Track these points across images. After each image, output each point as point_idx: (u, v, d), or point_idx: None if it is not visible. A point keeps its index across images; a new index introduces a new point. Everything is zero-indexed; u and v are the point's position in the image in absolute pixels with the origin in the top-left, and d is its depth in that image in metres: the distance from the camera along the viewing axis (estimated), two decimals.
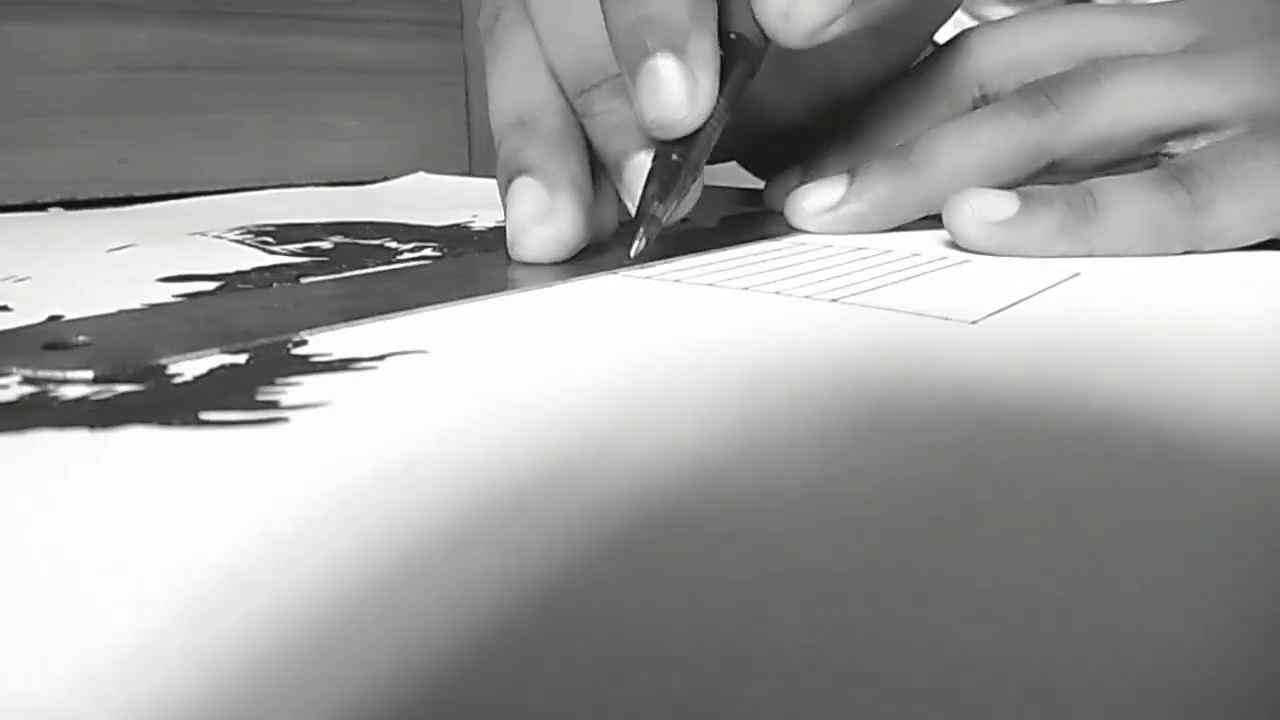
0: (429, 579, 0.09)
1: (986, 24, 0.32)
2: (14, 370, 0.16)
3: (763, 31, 0.24)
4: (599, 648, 0.08)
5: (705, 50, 0.22)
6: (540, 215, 0.23)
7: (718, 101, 0.23)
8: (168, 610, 0.09)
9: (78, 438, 0.13)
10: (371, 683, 0.08)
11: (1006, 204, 0.25)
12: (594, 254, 0.25)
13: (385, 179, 0.50)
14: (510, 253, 0.24)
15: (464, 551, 0.10)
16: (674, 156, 0.23)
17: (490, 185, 0.48)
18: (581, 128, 0.25)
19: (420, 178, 0.51)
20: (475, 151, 0.57)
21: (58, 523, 0.11)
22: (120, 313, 0.20)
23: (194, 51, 0.45)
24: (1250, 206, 0.25)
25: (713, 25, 0.23)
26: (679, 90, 0.22)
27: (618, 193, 0.25)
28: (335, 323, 0.18)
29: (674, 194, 0.23)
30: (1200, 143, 0.28)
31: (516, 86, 0.26)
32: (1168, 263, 0.25)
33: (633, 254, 0.23)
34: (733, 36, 0.24)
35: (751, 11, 0.24)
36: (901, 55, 0.33)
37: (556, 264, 0.24)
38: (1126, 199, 0.25)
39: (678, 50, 0.22)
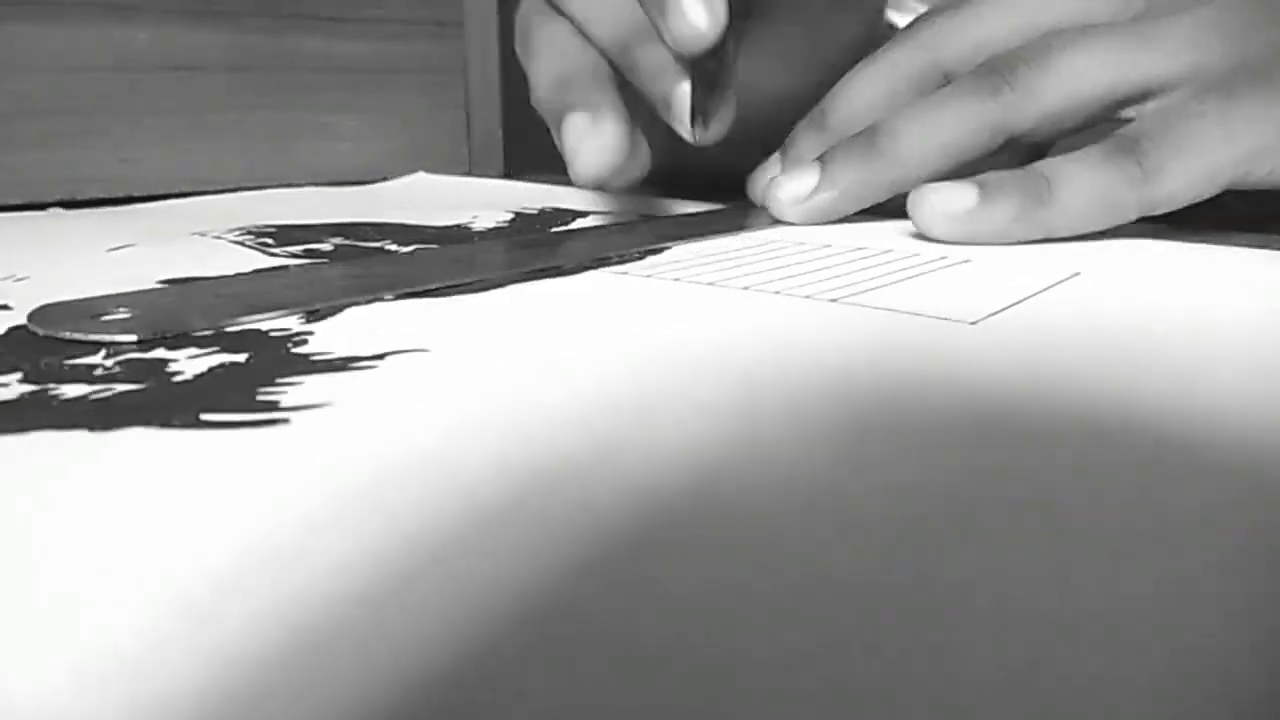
0: (430, 580, 0.09)
1: (946, 8, 0.32)
2: (65, 333, 0.17)
3: None
4: (599, 649, 0.08)
5: None
6: (587, 133, 0.27)
7: (728, 22, 0.27)
8: (168, 612, 0.09)
9: (78, 438, 0.13)
10: (373, 684, 0.08)
11: (965, 196, 0.27)
12: (594, 251, 0.26)
13: (385, 179, 0.50)
14: (572, 178, 0.28)
15: (465, 552, 0.10)
16: (709, 69, 0.28)
17: (490, 185, 0.48)
18: (613, 79, 0.30)
19: (420, 178, 0.51)
20: (475, 151, 0.57)
21: (58, 523, 0.11)
22: (152, 290, 0.22)
23: (194, 51, 0.45)
24: (1196, 166, 0.27)
25: None
26: (699, 8, 0.26)
27: (671, 126, 0.29)
28: (356, 296, 0.20)
29: (718, 91, 0.28)
30: (1149, 106, 0.29)
31: (548, 63, 0.30)
32: (1167, 262, 0.25)
33: (696, 139, 0.28)
34: None
35: None
36: (866, 13, 0.36)
37: (604, 191, 0.28)
38: (1077, 179, 0.27)
39: None
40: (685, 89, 0.29)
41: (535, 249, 0.27)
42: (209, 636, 0.08)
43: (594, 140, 0.27)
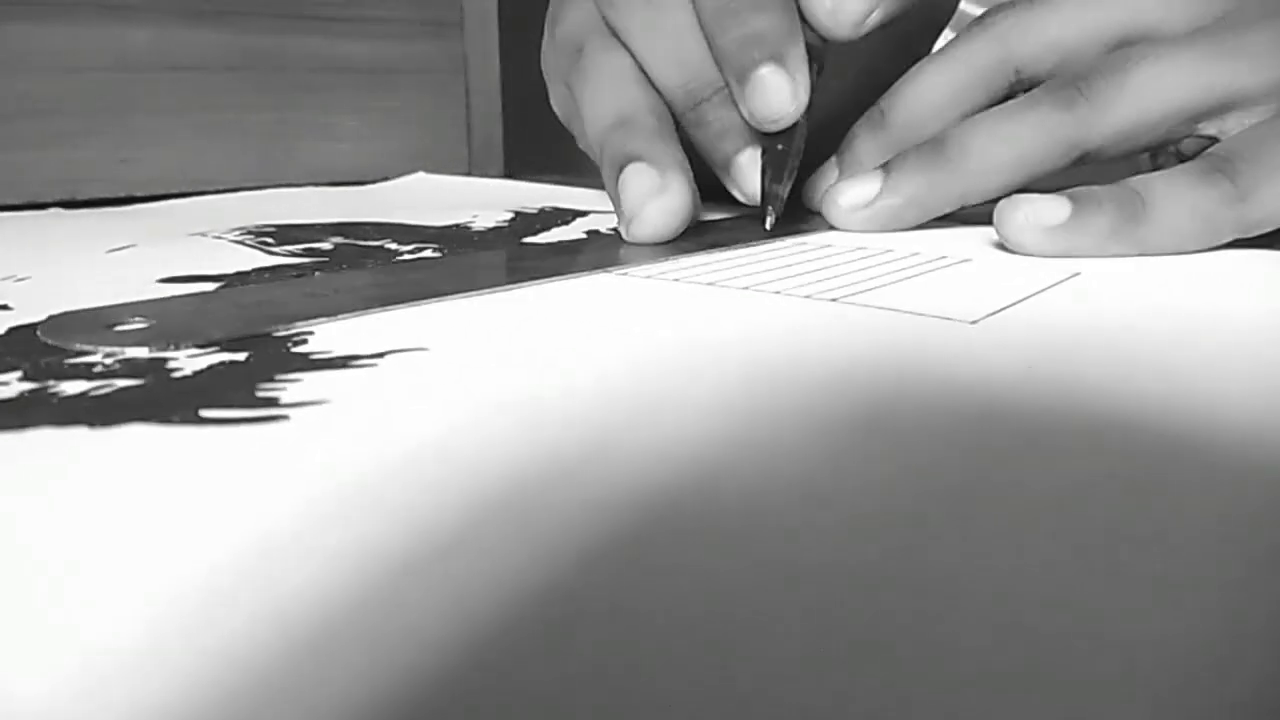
0: (430, 577, 0.09)
1: (1016, 5, 0.31)
2: (78, 345, 0.17)
3: (819, 35, 0.28)
4: (598, 645, 0.08)
5: (800, 56, 0.28)
6: (655, 191, 0.26)
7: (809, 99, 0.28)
8: (169, 610, 0.09)
9: (78, 435, 0.13)
10: (373, 681, 0.08)
11: (1058, 209, 0.26)
12: (632, 252, 0.26)
13: (385, 179, 0.50)
14: (626, 232, 0.27)
15: (464, 549, 0.10)
16: (779, 147, 0.29)
17: (490, 185, 0.48)
18: (674, 127, 0.29)
19: (420, 178, 0.51)
20: (475, 152, 0.57)
21: (58, 521, 0.11)
22: (172, 298, 0.21)
23: (194, 51, 0.45)
24: None
25: (800, 35, 0.28)
26: (785, 91, 0.27)
27: (724, 183, 0.30)
28: (374, 307, 0.19)
29: (786, 176, 0.29)
30: (1230, 121, 0.28)
31: (610, 97, 0.29)
32: (1167, 262, 0.25)
33: (768, 227, 0.29)
34: None
35: (805, 17, 0.28)
36: (920, 44, 0.35)
37: (641, 247, 0.27)
38: (1174, 196, 0.26)
39: (779, 59, 0.27)
40: (749, 156, 0.29)
41: (584, 253, 0.26)
42: (209, 635, 0.08)
43: (661, 201, 0.26)
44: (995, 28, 0.31)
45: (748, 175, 0.29)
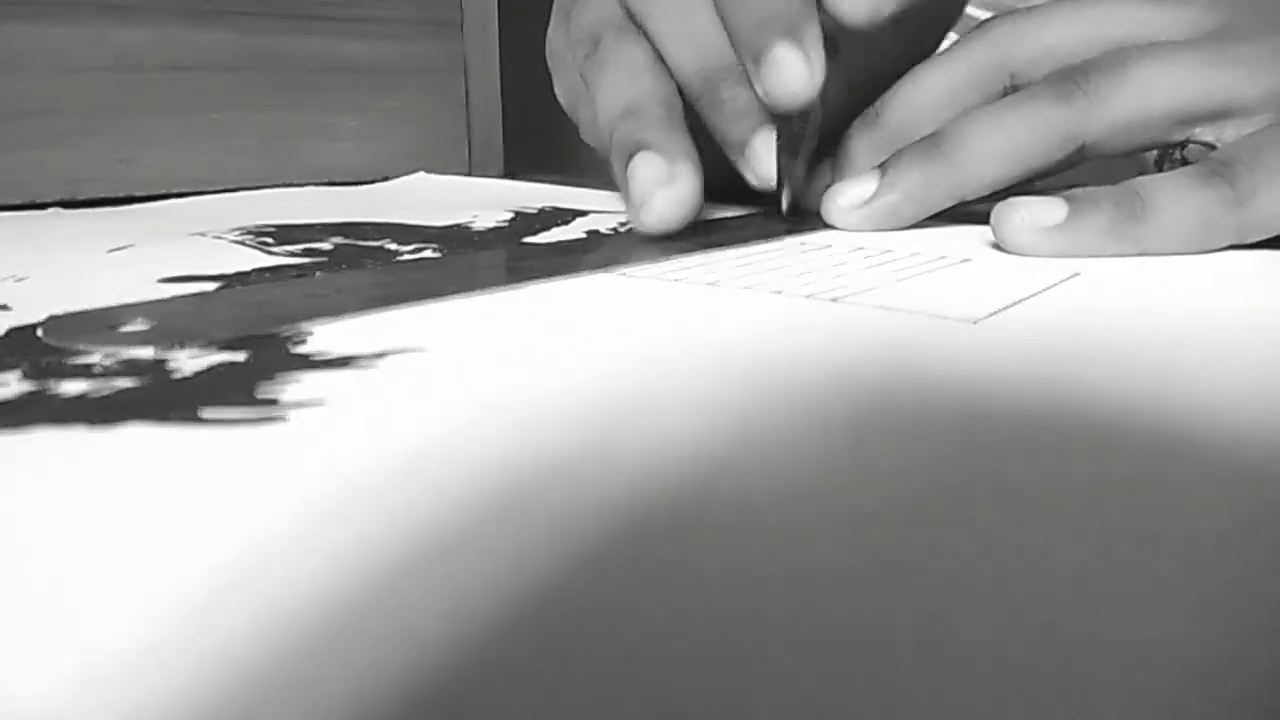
0: (429, 578, 0.09)
1: (1015, 13, 0.31)
2: (83, 346, 0.17)
3: (836, 21, 0.28)
4: (598, 645, 0.08)
5: (815, 35, 0.27)
6: (663, 180, 0.26)
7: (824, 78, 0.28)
8: (168, 611, 0.09)
9: (78, 435, 0.13)
10: (373, 682, 0.08)
11: (1055, 209, 0.26)
12: (633, 252, 0.26)
13: (385, 179, 0.50)
14: (634, 220, 0.27)
15: (464, 549, 0.10)
16: (795, 128, 0.29)
17: (490, 185, 0.48)
18: (684, 117, 0.29)
19: (420, 178, 0.51)
20: (475, 151, 0.57)
21: (58, 521, 0.11)
22: (174, 299, 0.21)
23: (194, 51, 0.45)
24: None
25: (816, 15, 0.28)
26: (800, 70, 0.27)
27: (738, 167, 0.29)
28: (374, 308, 0.19)
29: (801, 157, 0.29)
30: (1228, 128, 0.28)
31: (622, 87, 0.29)
32: (1167, 263, 0.25)
33: (784, 209, 0.29)
34: None
35: (822, 5, 0.28)
36: (924, 47, 0.35)
37: (636, 244, 0.27)
38: (1173, 196, 0.26)
39: (795, 37, 0.27)
40: (764, 139, 0.29)
41: (582, 254, 0.26)
42: (209, 635, 0.08)
43: (669, 190, 0.26)
44: (992, 33, 0.31)
45: (762, 158, 0.29)
